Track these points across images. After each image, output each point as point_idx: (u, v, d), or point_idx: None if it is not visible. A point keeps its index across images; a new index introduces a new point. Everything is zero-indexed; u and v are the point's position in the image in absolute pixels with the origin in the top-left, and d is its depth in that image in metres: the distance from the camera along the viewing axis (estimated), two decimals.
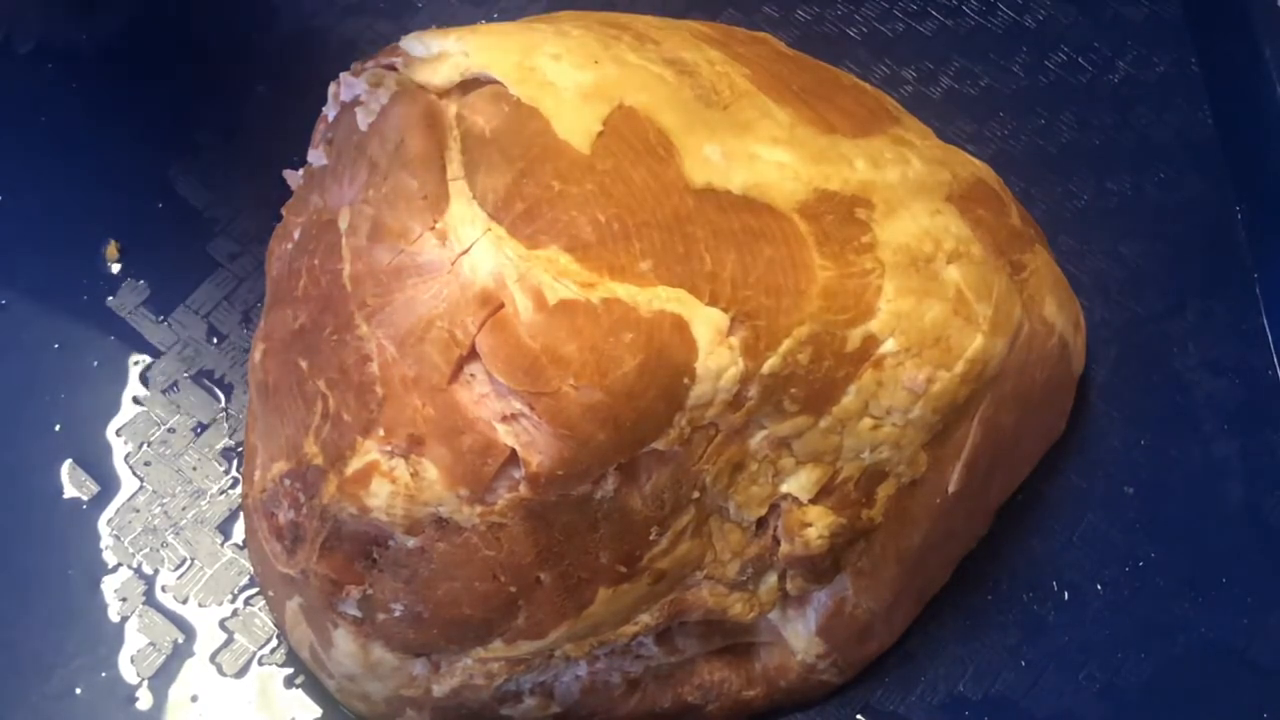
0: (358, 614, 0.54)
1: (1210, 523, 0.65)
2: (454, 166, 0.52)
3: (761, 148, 0.55)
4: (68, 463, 0.64)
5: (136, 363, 0.66)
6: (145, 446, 0.65)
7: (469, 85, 0.54)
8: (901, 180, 0.57)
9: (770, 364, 0.52)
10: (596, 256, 0.51)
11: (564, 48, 0.55)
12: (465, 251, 0.51)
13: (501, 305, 0.50)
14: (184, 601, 0.62)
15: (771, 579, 0.57)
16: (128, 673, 0.61)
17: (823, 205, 0.55)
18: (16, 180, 0.69)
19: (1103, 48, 0.74)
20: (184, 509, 0.64)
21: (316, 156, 0.58)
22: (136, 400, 0.65)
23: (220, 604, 0.62)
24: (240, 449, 0.65)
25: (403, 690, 0.57)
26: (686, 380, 0.51)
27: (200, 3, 0.73)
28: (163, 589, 0.62)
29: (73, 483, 0.64)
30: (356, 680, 0.57)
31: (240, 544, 0.63)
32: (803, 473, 0.55)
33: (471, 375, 0.51)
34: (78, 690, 0.61)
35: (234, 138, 0.70)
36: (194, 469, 0.64)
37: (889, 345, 0.54)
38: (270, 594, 0.60)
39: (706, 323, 0.51)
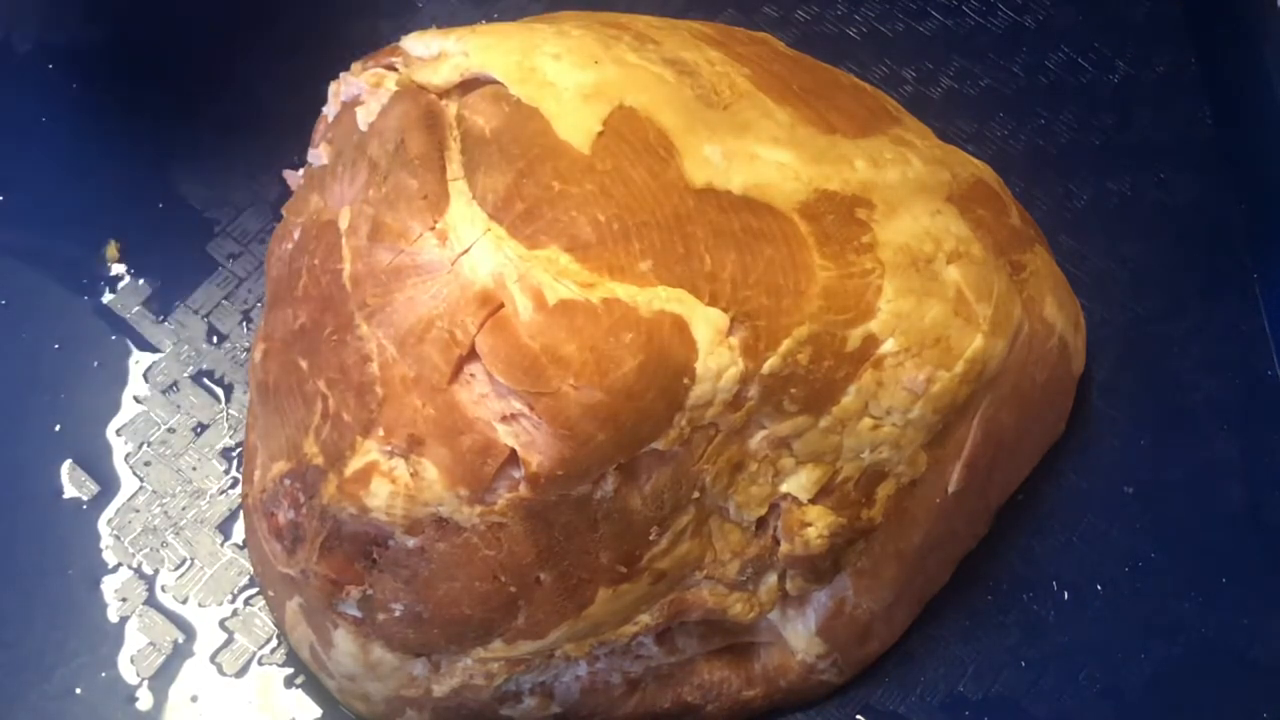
0: (358, 614, 0.54)
1: (1210, 523, 0.65)
2: (454, 166, 0.52)
3: (762, 148, 0.55)
4: (68, 463, 0.64)
5: (136, 363, 0.66)
6: (145, 446, 0.65)
7: (469, 85, 0.54)
8: (901, 180, 0.57)
9: (770, 364, 0.52)
10: (596, 256, 0.51)
11: (564, 48, 0.55)
12: (465, 251, 0.51)
13: (501, 305, 0.50)
14: (184, 601, 0.62)
15: (771, 579, 0.57)
16: (128, 673, 0.61)
17: (823, 205, 0.55)
18: (16, 180, 0.69)
19: (1103, 48, 0.74)
20: (184, 509, 0.64)
21: (316, 156, 0.58)
22: (136, 400, 0.65)
23: (220, 604, 0.62)
24: (240, 449, 0.65)
25: (403, 690, 0.57)
26: (686, 380, 0.51)
27: (200, 3, 0.73)
28: (163, 589, 0.62)
29: (73, 483, 0.64)
30: (356, 680, 0.57)
31: (240, 544, 0.63)
32: (803, 473, 0.55)
33: (471, 375, 0.51)
34: (78, 690, 0.61)
35: (234, 138, 0.70)
36: (194, 469, 0.64)
37: (889, 345, 0.54)
38: (270, 594, 0.60)
39: (706, 323, 0.51)
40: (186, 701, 0.61)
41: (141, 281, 0.67)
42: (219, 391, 0.66)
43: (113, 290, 0.67)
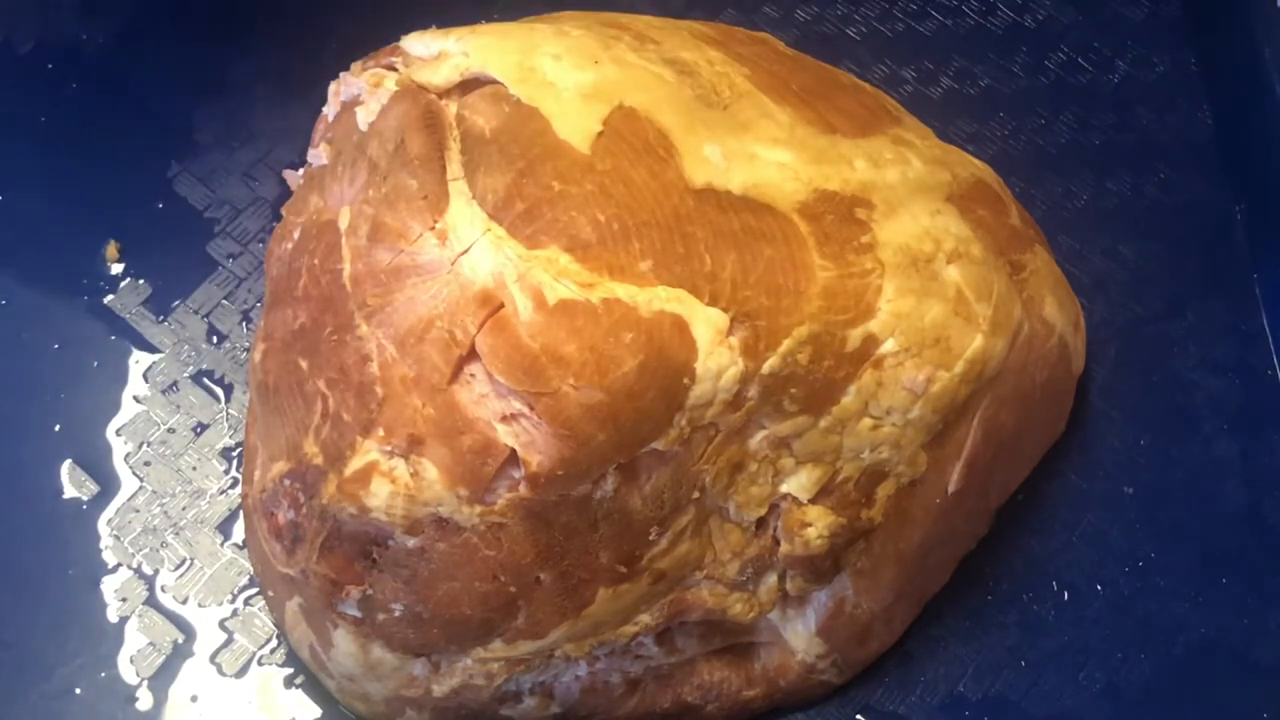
0: (358, 614, 0.54)
1: (1210, 523, 0.65)
2: (454, 166, 0.52)
3: (761, 148, 0.55)
4: (68, 463, 0.64)
5: (136, 363, 0.66)
6: (145, 446, 0.65)
7: (469, 85, 0.54)
8: (901, 180, 0.57)
9: (770, 364, 0.52)
10: (596, 256, 0.51)
11: (564, 48, 0.55)
12: (465, 251, 0.51)
13: (501, 305, 0.50)
14: (184, 601, 0.62)
15: (771, 579, 0.57)
16: (127, 673, 0.61)
17: (823, 205, 0.55)
18: (16, 180, 0.69)
19: (1103, 48, 0.74)
20: (184, 509, 0.64)
21: (316, 156, 0.58)
22: (136, 400, 0.65)
23: (220, 604, 0.62)
24: (240, 449, 0.65)
25: (403, 690, 0.57)
26: (686, 380, 0.51)
27: (200, 3, 0.73)
28: (163, 589, 0.63)
29: (73, 483, 0.64)
30: (356, 680, 0.57)
31: (240, 544, 0.63)
32: (803, 473, 0.55)
33: (471, 375, 0.51)
34: (78, 690, 0.61)
35: (234, 138, 0.70)
36: (194, 469, 0.64)
37: (889, 345, 0.54)
38: (270, 594, 0.60)
39: (706, 323, 0.51)
40: (186, 701, 0.61)
41: (141, 281, 0.67)
42: (219, 391, 0.66)
43: (113, 290, 0.67)
